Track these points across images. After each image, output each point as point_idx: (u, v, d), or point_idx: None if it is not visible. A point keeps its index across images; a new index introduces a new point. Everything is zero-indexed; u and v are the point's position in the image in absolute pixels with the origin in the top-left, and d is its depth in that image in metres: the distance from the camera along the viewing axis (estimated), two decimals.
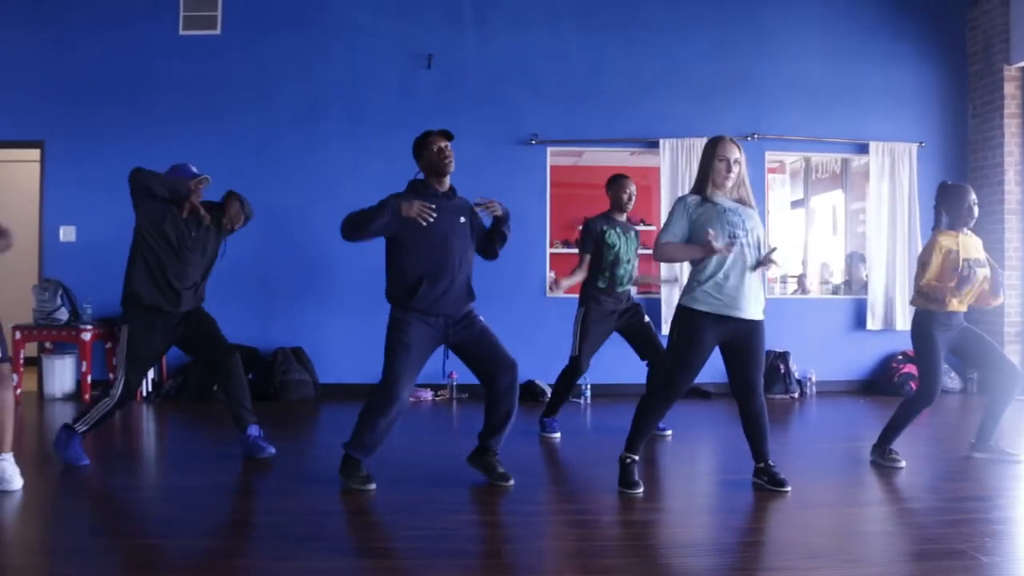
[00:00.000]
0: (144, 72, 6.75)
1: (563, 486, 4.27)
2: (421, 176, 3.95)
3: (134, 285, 4.23)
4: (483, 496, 3.76)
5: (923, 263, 4.36)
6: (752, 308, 3.68)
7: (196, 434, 5.43)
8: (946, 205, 4.39)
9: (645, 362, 5.05)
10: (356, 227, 3.76)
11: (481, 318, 3.91)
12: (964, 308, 4.39)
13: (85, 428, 4.15)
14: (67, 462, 4.12)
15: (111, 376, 6.46)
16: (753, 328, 3.70)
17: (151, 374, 6.53)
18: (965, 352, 4.44)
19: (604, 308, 4.96)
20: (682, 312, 3.71)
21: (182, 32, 6.79)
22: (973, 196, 4.36)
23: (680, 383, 3.70)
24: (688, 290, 3.72)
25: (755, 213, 3.78)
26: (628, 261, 5.00)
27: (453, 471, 4.10)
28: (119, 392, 4.13)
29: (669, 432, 5.10)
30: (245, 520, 3.53)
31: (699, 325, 3.65)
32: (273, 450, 4.36)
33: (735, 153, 3.68)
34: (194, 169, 4.40)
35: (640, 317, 5.04)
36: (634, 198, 5.10)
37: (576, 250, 5.28)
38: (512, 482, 3.84)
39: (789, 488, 3.76)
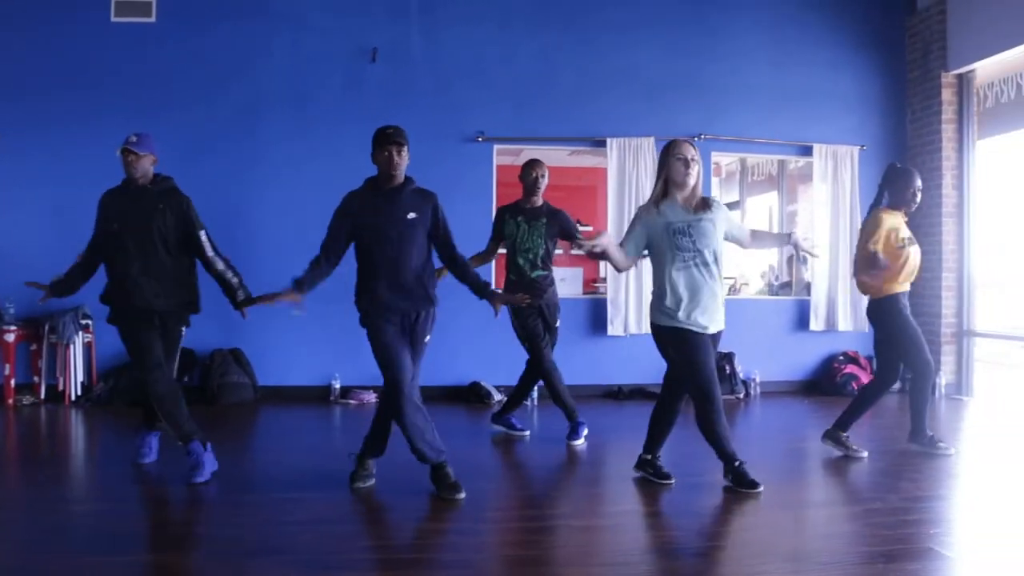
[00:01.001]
0: (73, 61, 6.42)
1: (524, 492, 4.21)
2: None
3: None
4: (438, 503, 3.65)
5: (868, 234, 4.41)
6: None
7: (130, 441, 5.17)
8: (892, 186, 4.49)
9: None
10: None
11: (428, 334, 3.82)
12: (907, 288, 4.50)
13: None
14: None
15: (35, 379, 6.18)
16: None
17: (80, 376, 6.23)
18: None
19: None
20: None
21: (114, 19, 6.48)
22: (919, 182, 4.48)
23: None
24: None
25: (710, 216, 3.78)
26: (528, 250, 4.96)
27: (411, 479, 3.98)
28: None
29: (527, 432, 5.17)
30: (187, 533, 3.35)
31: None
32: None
33: (691, 152, 3.74)
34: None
35: (553, 321, 5.06)
36: (543, 178, 5.01)
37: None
38: (462, 495, 3.71)
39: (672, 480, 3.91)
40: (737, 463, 3.81)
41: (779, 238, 4.47)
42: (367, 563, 2.99)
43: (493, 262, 5.79)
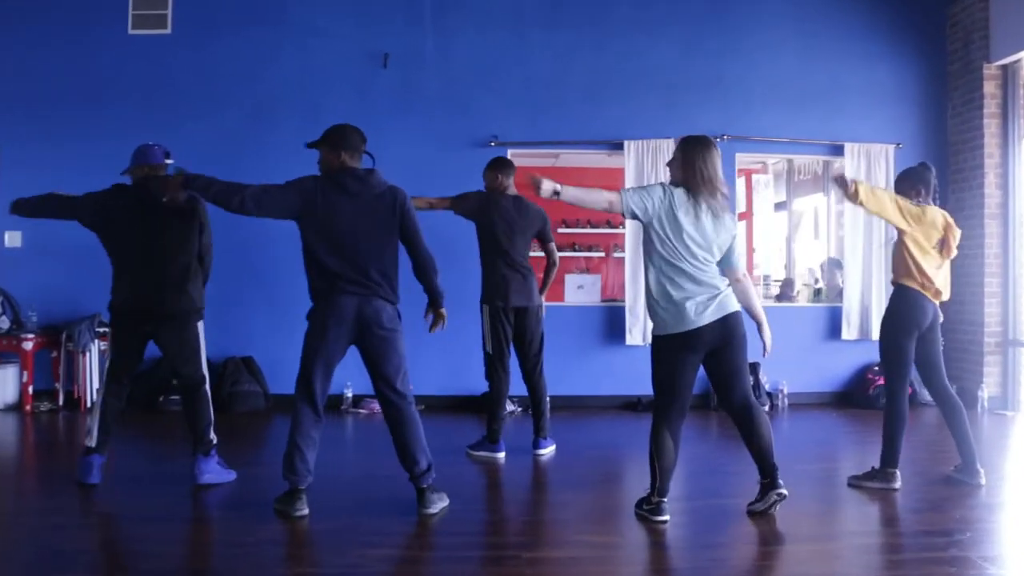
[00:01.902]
0: (94, 73, 6.55)
1: (496, 515, 4.02)
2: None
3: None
4: (404, 523, 3.52)
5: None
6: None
7: (136, 449, 5.21)
8: (922, 184, 4.16)
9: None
10: None
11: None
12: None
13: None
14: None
15: (56, 385, 6.30)
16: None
17: (96, 383, 6.32)
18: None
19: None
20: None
21: (131, 31, 6.58)
22: (929, 177, 4.19)
23: None
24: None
25: (726, 222, 3.52)
26: None
27: (383, 494, 3.88)
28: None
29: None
30: (139, 551, 3.30)
31: None
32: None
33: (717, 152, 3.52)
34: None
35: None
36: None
37: (542, 253, 5.11)
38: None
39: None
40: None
41: (756, 318, 3.71)
42: None
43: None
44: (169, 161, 4.15)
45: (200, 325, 4.13)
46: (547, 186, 3.30)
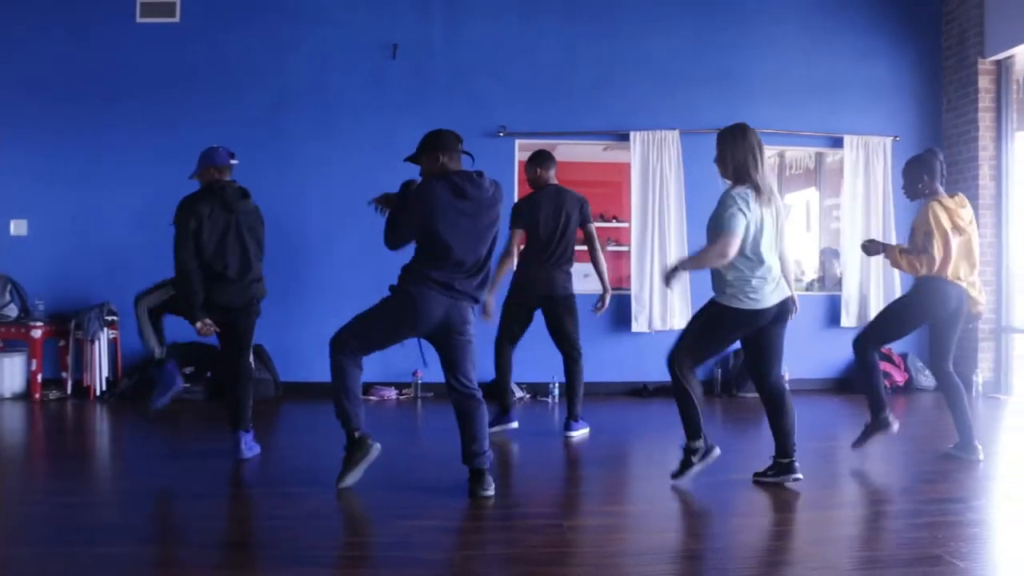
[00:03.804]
0: (100, 62, 6.53)
1: (522, 490, 4.09)
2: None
3: None
4: (438, 500, 3.59)
5: (926, 233, 4.19)
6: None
7: (150, 435, 5.22)
8: (925, 171, 4.28)
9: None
10: None
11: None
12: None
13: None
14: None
15: (63, 375, 6.27)
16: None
17: (105, 372, 6.31)
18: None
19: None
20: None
21: (139, 20, 6.56)
22: (936, 164, 4.33)
23: None
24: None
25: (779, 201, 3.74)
26: None
27: (411, 474, 3.94)
28: None
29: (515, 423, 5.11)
30: (185, 526, 3.35)
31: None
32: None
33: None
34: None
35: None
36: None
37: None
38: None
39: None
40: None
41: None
42: (338, 560, 2.93)
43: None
44: (234, 162, 4.19)
45: None
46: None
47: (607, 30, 6.84)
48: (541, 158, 5.07)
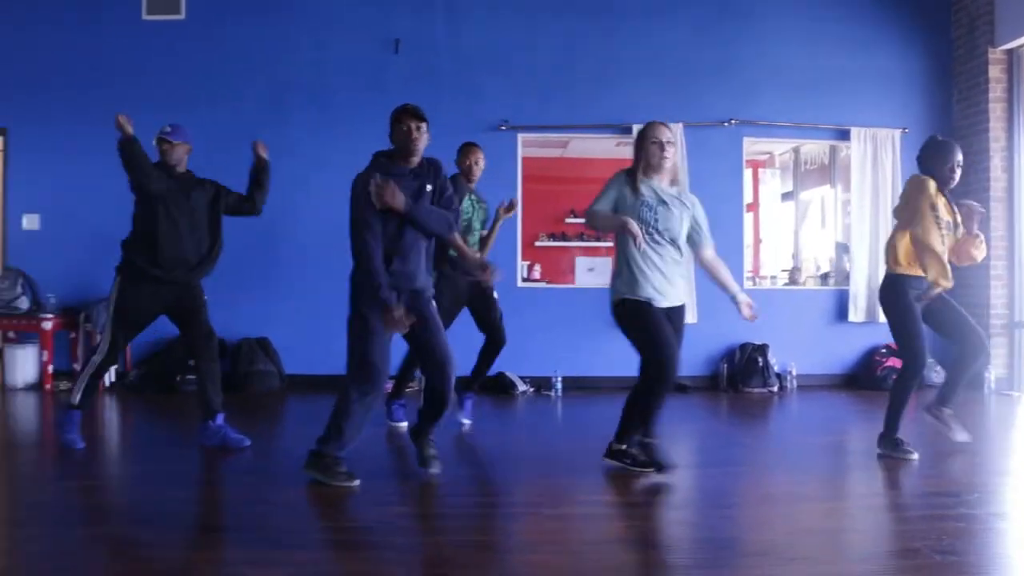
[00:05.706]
0: (106, 57, 6.62)
1: (506, 479, 4.08)
2: (389, 149, 3.82)
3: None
4: (417, 488, 3.61)
5: (913, 210, 4.11)
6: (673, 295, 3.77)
7: (156, 424, 5.29)
8: (930, 160, 4.21)
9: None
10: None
11: (431, 302, 3.79)
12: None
13: (79, 396, 4.18)
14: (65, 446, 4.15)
15: (75, 366, 6.38)
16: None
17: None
18: (934, 320, 4.25)
19: (457, 278, 4.75)
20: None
21: (145, 16, 6.65)
22: (959, 156, 4.19)
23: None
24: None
25: (687, 203, 3.78)
26: (476, 231, 4.97)
27: (393, 461, 3.96)
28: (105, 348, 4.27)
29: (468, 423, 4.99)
30: (176, 511, 3.38)
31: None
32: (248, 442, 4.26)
33: (666, 134, 3.71)
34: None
35: (489, 290, 4.93)
36: (479, 165, 5.06)
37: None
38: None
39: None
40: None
41: (727, 287, 3.96)
42: (317, 543, 2.96)
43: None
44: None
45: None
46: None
47: (610, 23, 6.82)
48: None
